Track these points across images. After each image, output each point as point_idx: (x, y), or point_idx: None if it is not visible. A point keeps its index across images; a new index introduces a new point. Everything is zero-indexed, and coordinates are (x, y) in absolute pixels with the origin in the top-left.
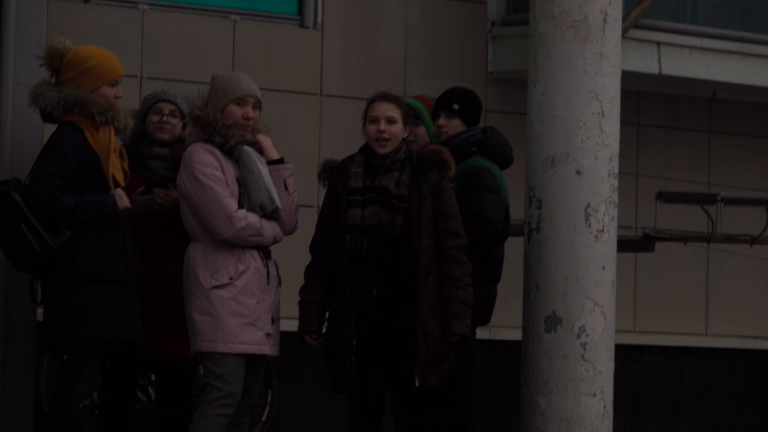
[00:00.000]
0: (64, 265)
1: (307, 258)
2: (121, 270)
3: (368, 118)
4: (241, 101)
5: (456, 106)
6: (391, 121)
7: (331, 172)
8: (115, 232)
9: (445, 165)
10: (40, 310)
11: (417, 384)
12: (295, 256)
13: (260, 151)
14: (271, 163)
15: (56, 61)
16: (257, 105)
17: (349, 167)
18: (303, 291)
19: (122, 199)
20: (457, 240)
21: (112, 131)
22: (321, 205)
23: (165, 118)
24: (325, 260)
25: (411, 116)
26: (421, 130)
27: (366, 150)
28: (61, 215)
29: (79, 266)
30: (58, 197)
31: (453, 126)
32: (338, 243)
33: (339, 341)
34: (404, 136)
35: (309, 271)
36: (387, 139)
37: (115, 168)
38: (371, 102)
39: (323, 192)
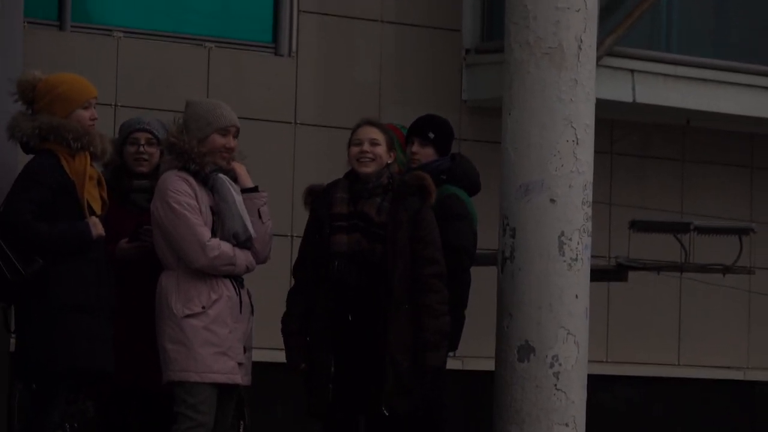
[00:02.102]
0: (36, 293)
1: (280, 287)
2: (94, 298)
3: (352, 142)
4: (224, 131)
5: (431, 135)
6: (374, 143)
7: (315, 197)
8: (88, 261)
9: (426, 192)
10: (13, 340)
11: (386, 413)
12: (268, 285)
13: (234, 179)
14: (245, 191)
15: (29, 93)
16: (236, 134)
17: (333, 192)
18: (284, 320)
19: (96, 227)
20: (433, 268)
21: (88, 157)
22: (303, 230)
23: (142, 149)
24: (305, 285)
25: (395, 143)
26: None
27: (350, 176)
28: (34, 242)
29: (51, 294)
30: (32, 224)
31: (426, 154)
32: (320, 268)
33: (317, 369)
34: (389, 161)
35: (291, 297)
36: (371, 159)
37: (92, 196)
38: (356, 127)
39: (297, 221)
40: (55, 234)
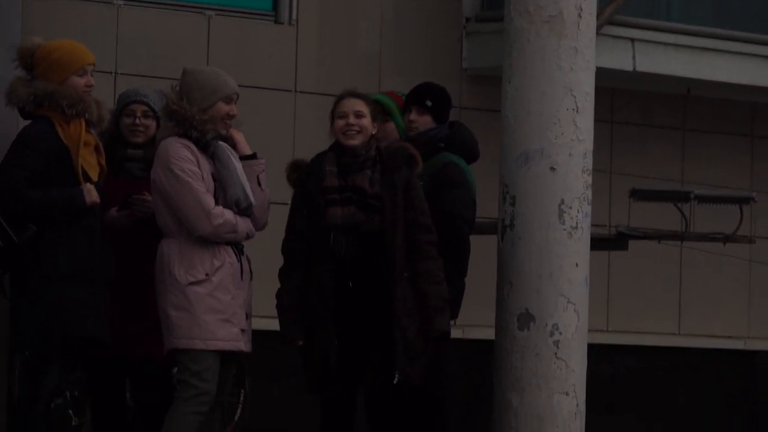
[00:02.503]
0: (29, 260)
1: (278, 253)
2: (87, 266)
3: (336, 115)
4: (228, 99)
5: (429, 103)
6: (359, 115)
7: (301, 172)
8: (82, 228)
9: (413, 160)
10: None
11: (396, 380)
12: (266, 252)
13: (233, 146)
14: (244, 158)
15: (27, 59)
16: (236, 101)
17: (322, 166)
18: (280, 295)
19: (90, 194)
20: (428, 235)
21: (83, 124)
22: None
23: (138, 121)
24: (300, 260)
25: (379, 113)
26: (391, 126)
27: (336, 148)
28: (26, 209)
29: (44, 261)
30: (24, 191)
31: (424, 122)
32: (312, 242)
33: (320, 343)
34: (373, 132)
35: (284, 273)
36: (357, 131)
37: (88, 163)
38: (338, 99)
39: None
40: (47, 200)
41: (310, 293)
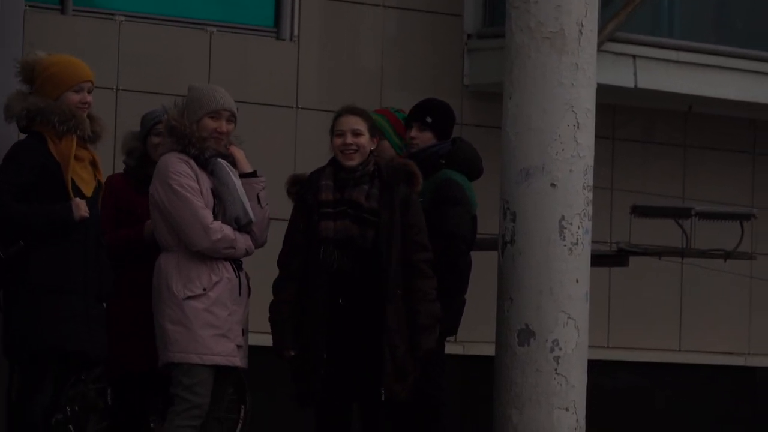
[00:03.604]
0: (18, 274)
1: (277, 271)
2: (79, 280)
3: (334, 132)
4: (215, 114)
5: (429, 119)
6: (356, 133)
7: (300, 186)
8: (72, 242)
9: (413, 178)
10: None
11: (383, 397)
12: (265, 268)
13: (233, 163)
14: (244, 176)
15: (29, 73)
16: (231, 119)
17: (319, 180)
18: (273, 307)
19: (79, 209)
20: (424, 254)
21: (75, 140)
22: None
23: None
24: (294, 272)
25: (378, 128)
26: (385, 144)
27: (335, 163)
28: (12, 223)
29: (32, 276)
30: (10, 205)
31: (424, 138)
32: (308, 256)
33: (310, 355)
34: (371, 148)
35: (278, 285)
36: (354, 150)
37: (80, 178)
38: (337, 116)
39: None
40: (33, 214)
41: (303, 306)
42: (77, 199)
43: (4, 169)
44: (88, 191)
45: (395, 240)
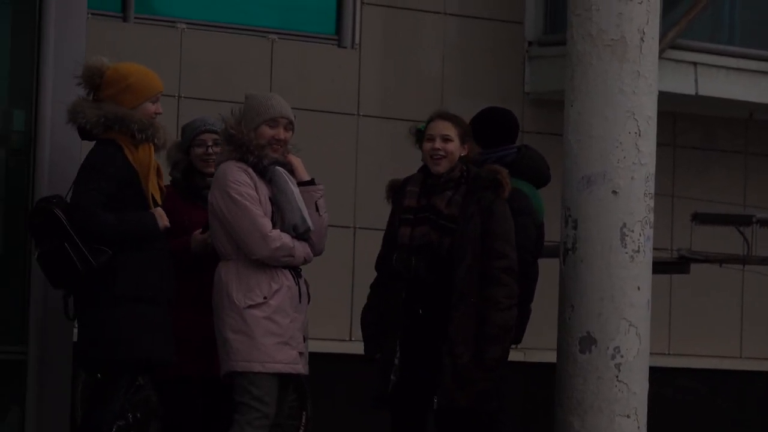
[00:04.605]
0: (102, 283)
1: (342, 278)
2: (158, 289)
3: (426, 137)
4: (272, 122)
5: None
6: (446, 139)
7: (395, 191)
8: (154, 251)
9: (500, 185)
10: (75, 330)
11: (435, 406)
12: (329, 276)
13: (291, 171)
14: (302, 184)
15: (96, 79)
16: (289, 126)
17: (406, 185)
18: (362, 311)
19: (162, 219)
20: (502, 261)
21: (152, 149)
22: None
23: (210, 149)
24: (384, 278)
25: (469, 135)
26: (477, 150)
27: (424, 169)
28: (103, 233)
29: (117, 284)
30: (101, 216)
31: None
32: (389, 262)
33: (383, 360)
34: (462, 154)
35: (372, 288)
36: (442, 156)
37: (154, 186)
38: (429, 120)
39: (360, 213)
40: (123, 225)
41: (382, 312)
42: (159, 209)
43: (87, 178)
44: (160, 199)
45: (469, 247)
